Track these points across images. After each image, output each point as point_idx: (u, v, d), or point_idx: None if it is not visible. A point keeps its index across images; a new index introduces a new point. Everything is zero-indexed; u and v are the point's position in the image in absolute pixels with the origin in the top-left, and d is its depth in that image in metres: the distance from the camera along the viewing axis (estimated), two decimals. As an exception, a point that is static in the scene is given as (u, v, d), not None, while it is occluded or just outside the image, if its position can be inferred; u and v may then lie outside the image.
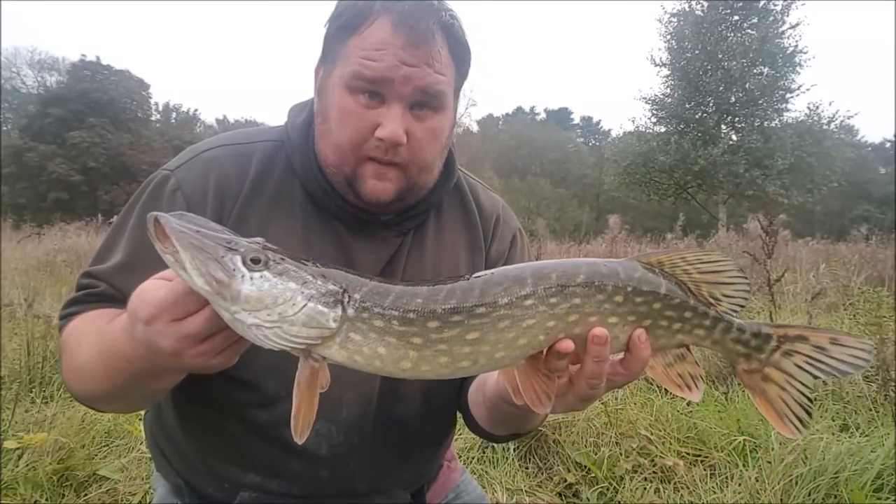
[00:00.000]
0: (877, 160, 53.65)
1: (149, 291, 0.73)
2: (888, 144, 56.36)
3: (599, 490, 2.55)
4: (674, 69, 27.78)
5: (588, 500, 2.51)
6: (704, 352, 3.33)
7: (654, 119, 29.06)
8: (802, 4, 28.47)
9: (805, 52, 25.78)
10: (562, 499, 2.58)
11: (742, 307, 0.82)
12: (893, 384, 3.17)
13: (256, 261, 0.68)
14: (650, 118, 29.27)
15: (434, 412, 1.16)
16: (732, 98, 26.76)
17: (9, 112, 47.46)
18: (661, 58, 28.19)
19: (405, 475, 1.17)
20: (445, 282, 0.76)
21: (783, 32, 25.82)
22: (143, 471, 2.54)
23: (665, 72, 28.30)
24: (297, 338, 0.68)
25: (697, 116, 27.68)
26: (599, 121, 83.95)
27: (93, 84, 38.86)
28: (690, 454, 2.78)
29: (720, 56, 26.09)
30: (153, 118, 47.34)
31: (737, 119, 27.23)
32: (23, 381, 3.34)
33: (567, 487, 2.62)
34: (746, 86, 25.92)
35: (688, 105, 27.57)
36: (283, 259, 0.70)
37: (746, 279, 0.81)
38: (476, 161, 38.01)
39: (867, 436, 2.75)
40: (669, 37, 27.63)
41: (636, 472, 2.63)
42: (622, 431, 2.88)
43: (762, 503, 2.34)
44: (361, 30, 0.97)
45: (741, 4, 26.19)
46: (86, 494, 2.43)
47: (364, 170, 1.01)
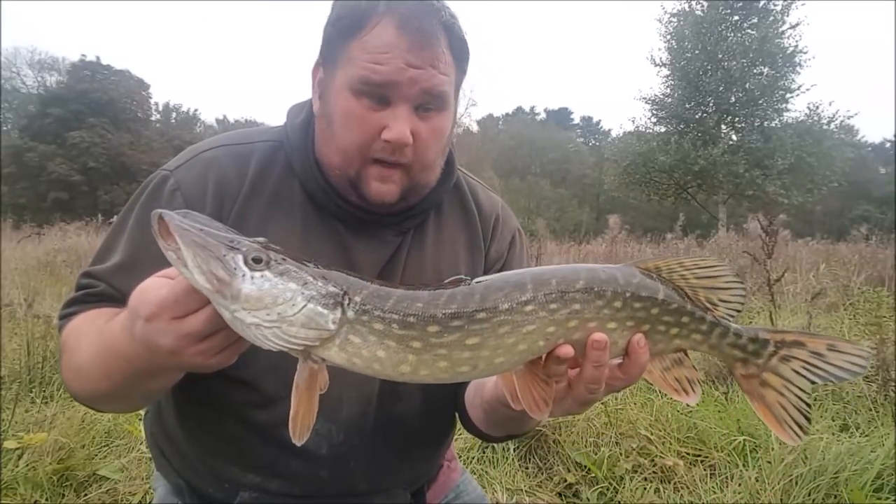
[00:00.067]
0: (877, 160, 53.64)
1: (150, 289, 0.74)
2: (888, 144, 56.43)
3: (599, 490, 2.55)
4: (674, 69, 27.78)
5: (588, 500, 2.51)
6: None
7: (654, 119, 29.10)
8: (802, 4, 28.51)
9: (805, 52, 25.84)
10: (562, 499, 2.58)
11: (738, 312, 0.82)
12: (893, 384, 3.17)
13: (258, 260, 0.67)
14: (650, 118, 29.34)
15: (434, 412, 1.16)
16: (732, 98, 26.75)
17: (9, 112, 47.47)
18: (661, 58, 28.24)
19: (405, 475, 1.17)
20: (446, 286, 0.76)
21: (783, 32, 25.82)
22: (143, 471, 2.54)
23: (665, 72, 28.33)
24: (296, 338, 0.68)
25: (697, 116, 27.67)
26: (599, 121, 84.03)
27: (93, 84, 38.85)
28: (690, 454, 2.78)
29: (720, 56, 26.09)
30: (153, 118, 47.39)
31: (737, 119, 27.23)
32: (23, 381, 3.34)
33: (567, 487, 2.62)
34: (746, 86, 25.92)
35: (688, 105, 27.57)
36: (285, 259, 0.70)
37: (743, 285, 0.82)
38: (476, 161, 38.00)
39: (867, 436, 2.75)
40: (669, 37, 27.64)
41: (636, 472, 2.63)
42: (622, 431, 2.88)
43: (762, 503, 2.34)
44: (364, 32, 0.96)
45: (741, 4, 26.19)
46: (86, 494, 2.43)
47: (369, 172, 1.01)
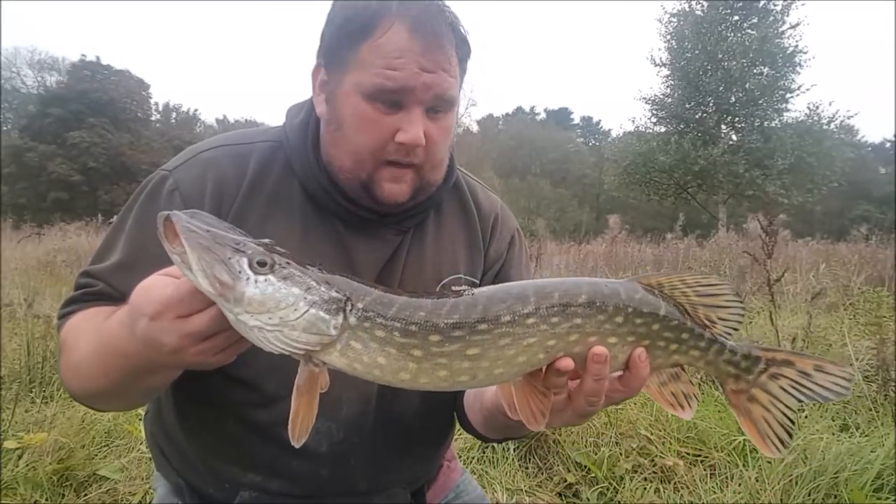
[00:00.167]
0: (877, 160, 53.64)
1: (155, 288, 0.74)
2: (888, 144, 56.44)
3: (599, 490, 2.55)
4: (674, 69, 27.78)
5: (588, 500, 2.51)
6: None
7: (654, 119, 29.10)
8: (802, 4, 28.51)
9: (805, 52, 25.83)
10: (562, 499, 2.58)
11: (736, 330, 0.84)
12: (893, 384, 3.17)
13: (263, 264, 0.68)
14: (650, 118, 29.33)
15: (433, 412, 1.17)
16: (732, 98, 26.76)
17: (9, 112, 47.47)
18: (661, 58, 28.24)
19: (405, 474, 1.17)
20: (449, 295, 0.76)
21: (783, 32, 25.82)
22: (143, 471, 2.54)
23: (665, 72, 28.33)
24: (297, 343, 0.69)
25: (697, 116, 27.67)
26: (599, 121, 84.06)
27: (93, 84, 38.85)
28: (690, 454, 2.78)
29: (720, 56, 26.09)
30: (153, 118, 47.38)
31: (737, 119, 27.23)
32: (23, 381, 3.33)
33: (567, 487, 2.62)
34: (746, 86, 25.92)
35: (688, 105, 27.57)
36: (289, 263, 0.70)
37: (742, 304, 0.84)
38: (476, 161, 38.00)
39: (867, 436, 2.75)
40: (669, 37, 27.64)
41: (636, 472, 2.63)
42: (622, 431, 2.88)
43: (762, 503, 2.34)
44: (375, 35, 0.95)
45: (741, 4, 26.19)
46: (86, 494, 2.43)
47: (381, 173, 1.02)
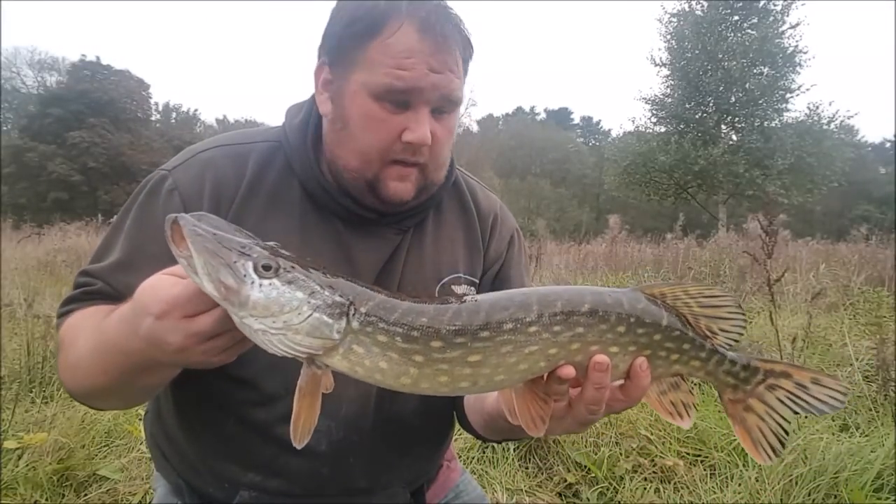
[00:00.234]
0: (877, 160, 53.62)
1: (162, 287, 0.74)
2: (888, 144, 56.43)
3: (599, 490, 2.55)
4: (674, 69, 27.75)
5: (588, 500, 2.51)
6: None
7: (654, 119, 29.04)
8: (802, 4, 28.54)
9: (805, 52, 25.77)
10: (562, 499, 2.58)
11: (736, 342, 0.85)
12: (893, 384, 3.17)
13: (267, 268, 0.68)
14: (650, 118, 29.26)
15: (433, 411, 1.17)
16: (732, 98, 26.73)
17: (9, 112, 47.47)
18: (661, 58, 28.19)
19: (405, 473, 1.18)
20: (450, 299, 0.77)
21: (783, 32, 25.78)
22: (143, 471, 2.53)
23: (665, 72, 28.29)
24: (301, 346, 0.69)
25: (697, 116, 27.64)
26: (599, 121, 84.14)
27: (93, 84, 38.84)
28: (690, 454, 2.78)
29: (720, 56, 26.07)
30: (153, 118, 47.36)
31: (737, 119, 27.20)
32: (23, 381, 3.33)
33: (567, 487, 2.62)
34: (746, 86, 25.90)
35: (688, 105, 27.54)
36: (294, 267, 0.70)
37: (744, 315, 0.84)
38: (476, 161, 38.00)
39: (867, 436, 2.75)
40: (669, 37, 27.60)
41: (636, 472, 2.63)
42: (622, 431, 2.88)
43: (762, 503, 2.34)
44: (384, 34, 0.96)
45: (741, 4, 26.16)
46: (86, 494, 2.43)
47: (387, 173, 1.02)
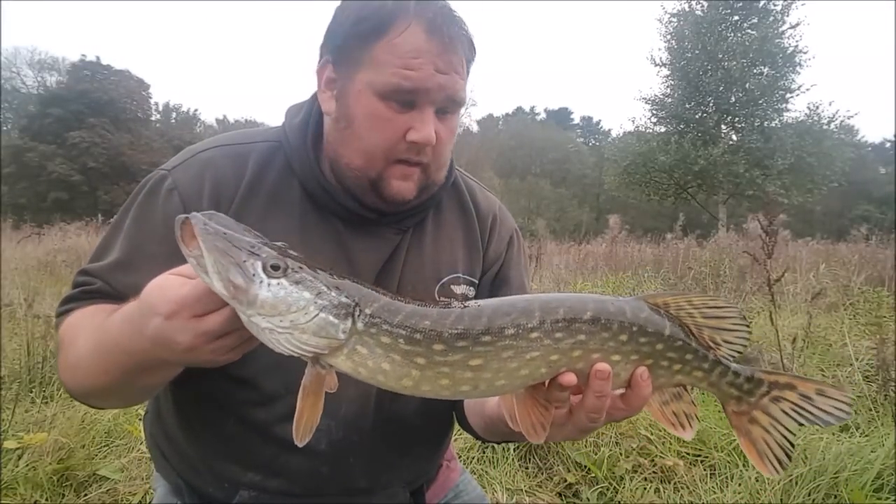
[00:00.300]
0: (877, 160, 53.61)
1: (170, 287, 0.74)
2: (888, 144, 56.43)
3: (599, 490, 2.55)
4: (674, 69, 27.76)
5: (588, 500, 2.51)
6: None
7: (654, 119, 29.05)
8: (802, 4, 28.53)
9: (805, 52, 25.78)
10: (562, 499, 2.58)
11: (740, 353, 0.84)
12: (893, 384, 3.17)
13: (276, 268, 0.69)
14: (650, 118, 29.27)
15: (432, 411, 1.17)
16: (732, 98, 26.73)
17: (9, 112, 47.47)
18: (661, 58, 28.20)
19: (405, 473, 1.18)
20: (454, 305, 0.77)
21: (783, 32, 25.78)
22: (143, 471, 2.53)
23: (665, 72, 28.30)
24: (307, 345, 0.70)
25: (697, 116, 27.65)
26: (599, 121, 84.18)
27: (93, 84, 38.83)
28: (690, 454, 2.78)
29: (720, 56, 26.07)
30: (153, 118, 47.36)
31: (737, 119, 27.20)
32: (23, 381, 3.33)
33: (567, 487, 2.62)
34: (746, 86, 25.90)
35: (688, 105, 27.55)
36: (301, 268, 0.71)
37: (748, 327, 0.83)
38: (476, 161, 38.00)
39: (867, 436, 2.75)
40: (669, 37, 27.61)
41: (636, 472, 2.63)
42: (622, 431, 2.88)
43: (762, 503, 2.35)
44: (391, 34, 0.96)
45: (741, 4, 26.17)
46: (86, 494, 2.43)
47: (391, 172, 1.03)
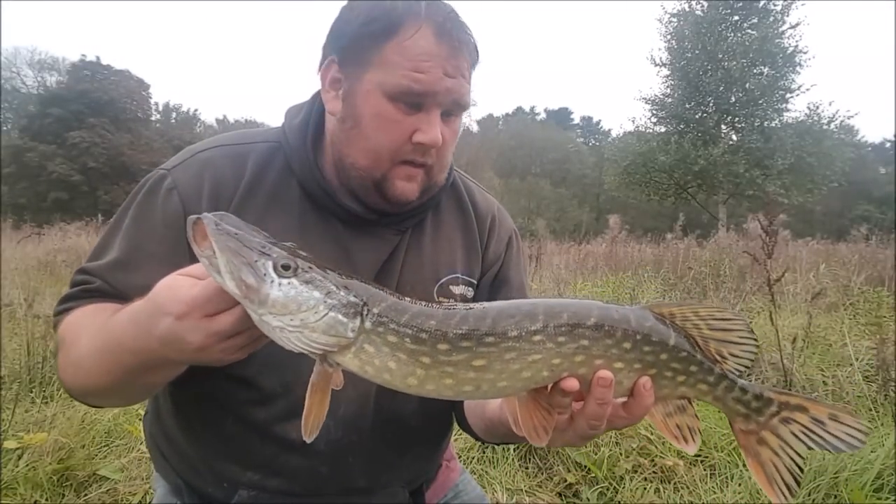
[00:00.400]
0: (877, 160, 53.60)
1: (181, 287, 0.75)
2: (888, 144, 56.42)
3: (599, 490, 2.55)
4: (674, 69, 27.75)
5: (588, 500, 2.51)
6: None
7: (654, 119, 29.04)
8: (802, 4, 28.54)
9: (805, 52, 25.77)
10: (562, 499, 2.58)
11: (747, 368, 0.82)
12: (893, 384, 3.17)
13: (287, 267, 0.71)
14: (650, 118, 29.26)
15: (432, 411, 1.17)
16: (732, 98, 26.73)
17: (9, 112, 47.45)
18: (661, 58, 28.19)
19: (404, 472, 1.18)
20: (459, 306, 0.78)
21: (783, 32, 25.78)
22: (143, 471, 2.53)
23: (665, 72, 28.29)
24: (316, 343, 0.71)
25: (697, 116, 27.64)
26: (599, 121, 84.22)
27: (93, 84, 38.83)
28: (690, 454, 2.78)
29: (720, 56, 26.07)
30: (153, 118, 47.34)
31: (737, 119, 27.19)
32: (23, 381, 3.33)
33: (567, 487, 2.62)
34: (746, 86, 25.89)
35: (688, 105, 27.54)
36: (311, 268, 0.73)
37: (756, 341, 0.82)
38: (476, 161, 38.00)
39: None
40: (669, 37, 27.61)
41: (636, 472, 2.63)
42: (622, 431, 2.88)
43: (762, 503, 2.35)
44: (401, 36, 0.97)
45: (741, 4, 26.16)
46: (86, 494, 2.43)
47: (396, 172, 1.03)
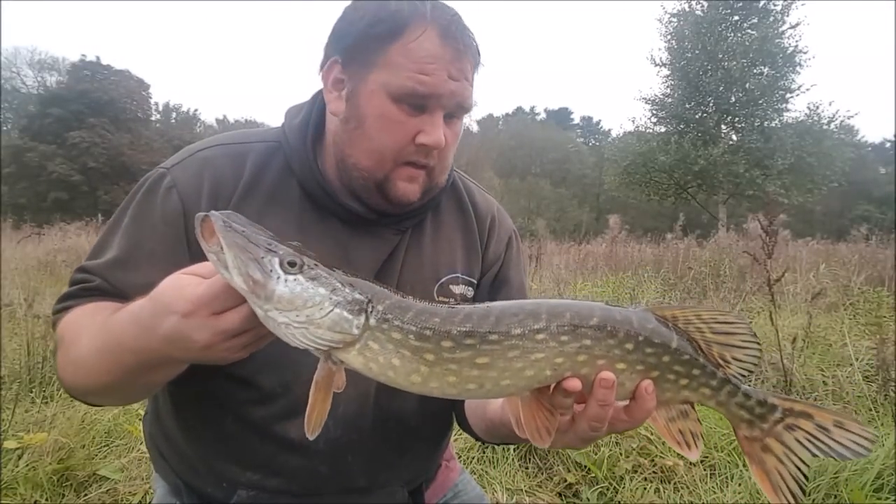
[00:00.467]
0: (877, 160, 53.58)
1: (187, 286, 0.75)
2: (888, 144, 56.43)
3: (599, 490, 2.55)
4: (674, 69, 27.75)
5: (588, 500, 2.51)
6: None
7: (654, 119, 29.03)
8: (802, 4, 28.52)
9: (805, 52, 25.76)
10: (562, 499, 2.58)
11: (751, 372, 0.82)
12: (893, 384, 3.17)
13: (293, 264, 0.71)
14: (650, 118, 29.25)
15: (431, 410, 1.17)
16: (732, 98, 26.72)
17: (9, 112, 47.45)
18: (661, 58, 28.19)
19: (404, 472, 1.18)
20: (458, 303, 0.78)
21: (783, 32, 25.77)
22: (143, 471, 2.53)
23: (665, 72, 28.28)
24: (322, 340, 0.72)
25: (697, 116, 27.64)
26: (599, 121, 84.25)
27: (93, 84, 38.82)
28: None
29: (720, 56, 26.06)
30: (153, 118, 47.33)
31: (737, 119, 27.19)
32: (23, 381, 3.33)
33: (567, 487, 2.62)
34: (746, 86, 25.89)
35: (688, 105, 27.54)
36: (317, 265, 0.73)
37: (759, 345, 0.81)
38: (476, 161, 38.03)
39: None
40: (669, 37, 27.60)
41: (636, 472, 2.63)
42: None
43: (762, 503, 2.34)
44: (406, 38, 0.97)
45: (741, 4, 26.16)
46: (86, 494, 2.43)
47: (398, 173, 1.04)
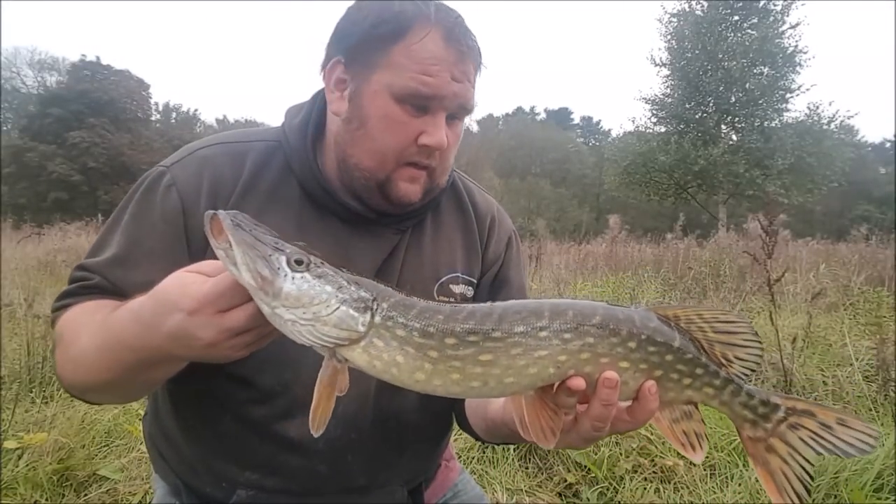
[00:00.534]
0: (877, 160, 53.58)
1: (192, 284, 0.75)
2: (888, 144, 56.43)
3: (599, 490, 2.55)
4: (674, 69, 27.75)
5: (588, 500, 2.51)
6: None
7: (654, 119, 29.03)
8: (802, 4, 28.52)
9: (805, 52, 25.76)
10: (562, 499, 2.58)
11: (753, 371, 0.82)
12: (893, 384, 3.17)
13: (300, 262, 0.72)
14: (650, 118, 29.25)
15: (431, 409, 1.17)
16: (732, 98, 26.72)
17: (9, 112, 47.47)
18: (661, 58, 28.19)
19: (403, 471, 1.18)
20: (461, 304, 0.79)
21: (783, 32, 25.77)
22: (143, 471, 2.53)
23: (665, 72, 28.29)
24: (327, 337, 0.73)
25: (697, 116, 27.64)
26: (599, 121, 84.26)
27: (93, 84, 38.84)
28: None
29: (720, 56, 26.06)
30: (153, 118, 47.35)
31: (737, 119, 27.19)
32: (23, 381, 3.33)
33: (567, 487, 2.62)
34: (746, 86, 25.89)
35: (688, 105, 27.54)
36: (323, 263, 0.74)
37: (761, 344, 0.81)
38: (476, 161, 38.05)
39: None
40: (669, 37, 27.61)
41: (636, 472, 2.63)
42: (622, 431, 2.88)
43: (762, 503, 2.35)
44: (409, 39, 0.98)
45: (741, 4, 26.16)
46: (86, 494, 2.43)
47: (399, 174, 1.04)
